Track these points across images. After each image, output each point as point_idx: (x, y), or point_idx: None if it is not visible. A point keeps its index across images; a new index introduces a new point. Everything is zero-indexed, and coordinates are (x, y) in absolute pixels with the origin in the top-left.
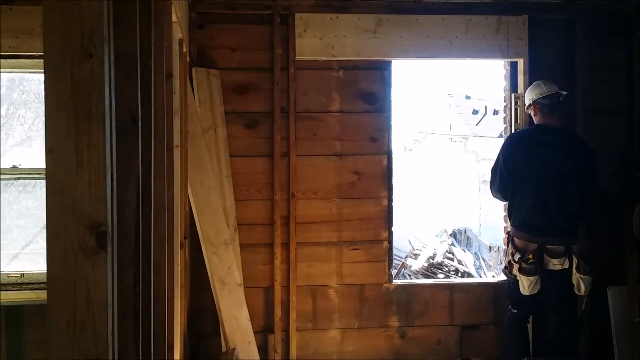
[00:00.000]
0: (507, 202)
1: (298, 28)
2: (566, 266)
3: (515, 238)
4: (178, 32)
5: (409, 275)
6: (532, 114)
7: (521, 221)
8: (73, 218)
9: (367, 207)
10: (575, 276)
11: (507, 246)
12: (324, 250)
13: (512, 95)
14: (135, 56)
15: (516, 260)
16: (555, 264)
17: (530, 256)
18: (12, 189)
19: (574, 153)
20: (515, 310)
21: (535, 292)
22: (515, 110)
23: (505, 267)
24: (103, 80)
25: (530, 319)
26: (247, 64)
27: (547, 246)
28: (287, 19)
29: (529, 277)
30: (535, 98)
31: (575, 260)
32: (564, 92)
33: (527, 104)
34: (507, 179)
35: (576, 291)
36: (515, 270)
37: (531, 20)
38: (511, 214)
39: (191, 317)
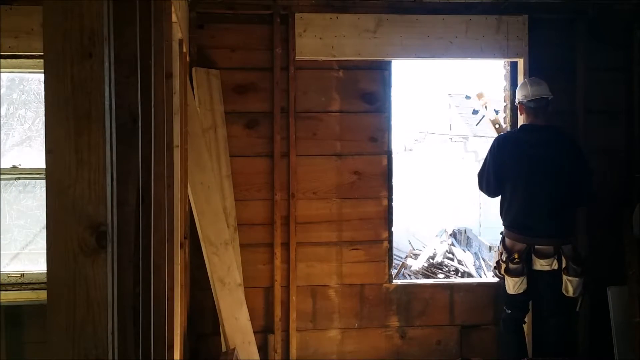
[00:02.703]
0: (500, 202)
1: (298, 28)
2: (555, 267)
3: (506, 238)
4: (178, 32)
5: (409, 275)
6: (519, 113)
7: (511, 221)
8: (73, 218)
9: (367, 207)
10: (563, 278)
11: (499, 246)
12: (324, 250)
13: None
14: (135, 56)
15: (503, 260)
16: (542, 265)
17: (516, 255)
18: (12, 189)
19: (561, 151)
20: (510, 311)
21: (521, 291)
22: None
23: (494, 267)
24: (103, 80)
25: (528, 320)
26: (247, 63)
27: (536, 247)
28: (287, 18)
29: (513, 278)
30: (520, 99)
31: (564, 261)
32: (551, 96)
33: (516, 101)
34: (495, 180)
35: (564, 292)
36: (502, 270)
37: (531, 20)
38: (502, 214)
39: (191, 317)
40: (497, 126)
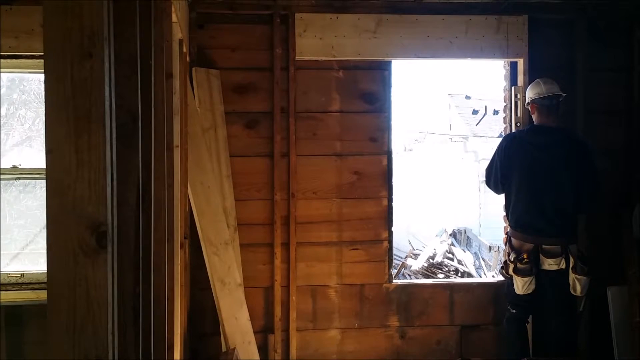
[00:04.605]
0: (505, 202)
1: (298, 28)
2: (563, 266)
3: (512, 238)
4: (178, 32)
5: (409, 275)
6: (531, 112)
7: (516, 221)
8: (73, 218)
9: (367, 207)
10: (572, 276)
11: (505, 246)
12: (324, 250)
13: (512, 88)
14: (135, 56)
15: (512, 260)
16: (550, 264)
17: (525, 256)
18: (12, 189)
19: (569, 153)
20: (514, 311)
21: (530, 291)
22: (516, 103)
23: (502, 267)
24: (103, 80)
25: (530, 319)
26: (247, 63)
27: (543, 246)
28: (287, 18)
29: (522, 278)
30: (533, 97)
31: (572, 260)
32: (564, 94)
33: (526, 101)
34: (501, 179)
35: (571, 291)
36: (510, 270)
37: (531, 20)
38: (507, 214)
39: (191, 317)
40: None
